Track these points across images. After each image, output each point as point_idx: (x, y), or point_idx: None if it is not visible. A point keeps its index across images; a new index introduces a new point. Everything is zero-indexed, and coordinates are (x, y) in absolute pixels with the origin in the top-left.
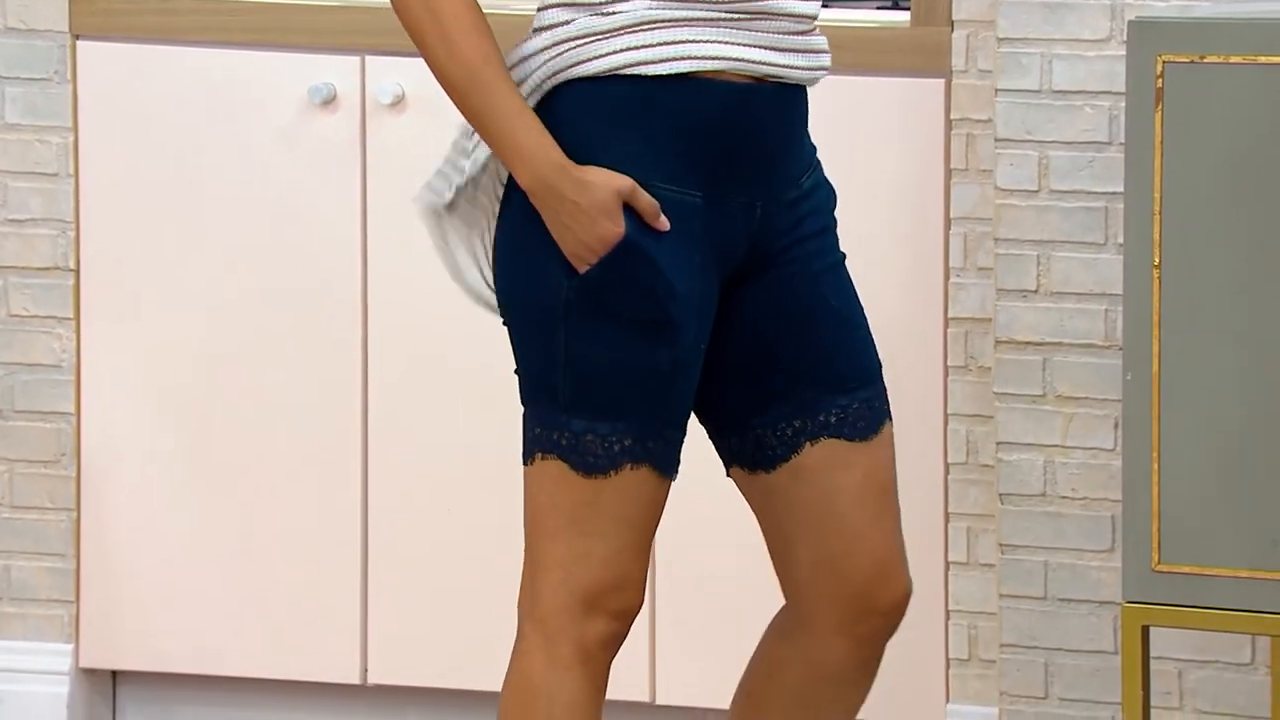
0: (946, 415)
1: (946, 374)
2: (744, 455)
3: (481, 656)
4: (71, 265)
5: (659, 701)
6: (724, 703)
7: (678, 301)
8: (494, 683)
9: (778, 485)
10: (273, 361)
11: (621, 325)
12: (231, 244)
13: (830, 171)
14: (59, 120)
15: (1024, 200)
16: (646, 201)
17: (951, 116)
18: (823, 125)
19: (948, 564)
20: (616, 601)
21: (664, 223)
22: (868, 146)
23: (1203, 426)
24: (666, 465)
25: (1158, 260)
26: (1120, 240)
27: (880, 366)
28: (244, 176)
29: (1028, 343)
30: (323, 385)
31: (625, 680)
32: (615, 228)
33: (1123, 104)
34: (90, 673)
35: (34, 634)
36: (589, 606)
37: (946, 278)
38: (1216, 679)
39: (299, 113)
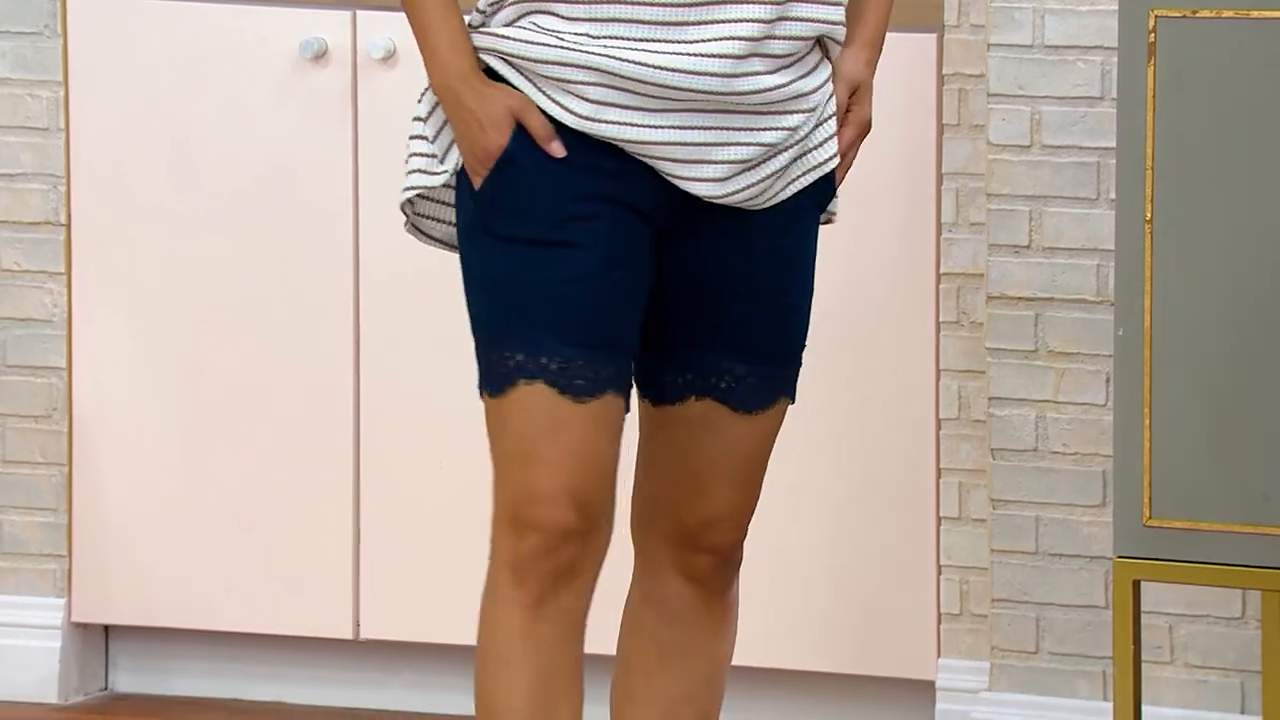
0: (938, 370)
1: (938, 329)
2: (641, 378)
3: (473, 612)
4: (62, 220)
5: None
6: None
7: (563, 225)
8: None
9: (655, 418)
10: (264, 316)
11: (506, 243)
12: (223, 198)
13: None
14: (50, 74)
15: (1016, 155)
16: (538, 123)
17: (944, 72)
18: None
19: (939, 519)
20: (534, 515)
21: (556, 148)
22: None
23: (1194, 382)
24: (568, 386)
25: (1150, 215)
26: (1112, 195)
27: (797, 351)
28: (235, 131)
29: (1019, 298)
30: (315, 340)
31: None
32: (499, 139)
33: (1115, 59)
34: (83, 627)
35: (26, 588)
36: (512, 525)
37: (938, 233)
38: (1207, 633)
39: (290, 68)
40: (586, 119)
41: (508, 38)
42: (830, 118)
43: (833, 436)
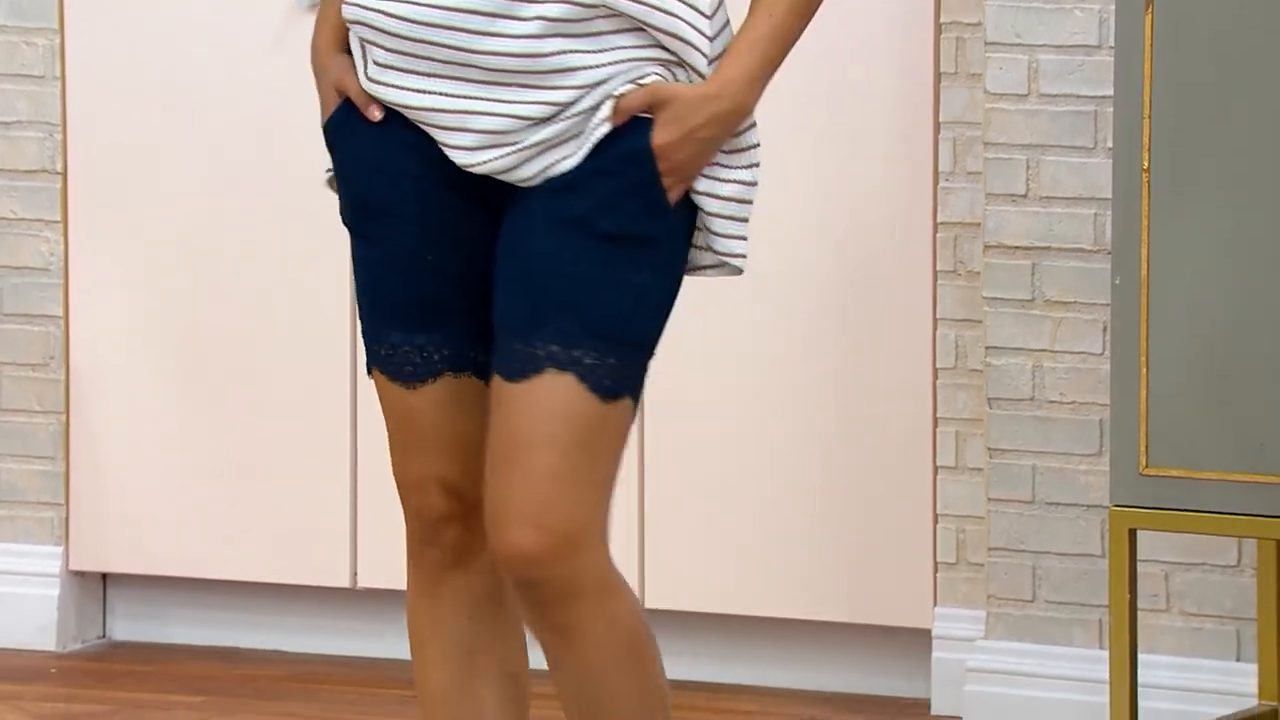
0: (935, 320)
1: (935, 279)
2: None
3: None
4: (59, 168)
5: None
6: (710, 606)
7: (376, 210)
8: None
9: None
10: (262, 264)
11: (348, 228)
12: (219, 147)
13: (819, 76)
14: (45, 22)
15: (1013, 104)
16: (355, 90)
17: (941, 20)
18: (812, 29)
19: (936, 468)
20: (410, 502)
21: (374, 111)
22: (857, 50)
23: (1191, 331)
24: (397, 373)
25: (1147, 164)
26: (1109, 144)
27: (562, 318)
28: (232, 79)
29: (1016, 247)
30: (312, 289)
31: None
32: (325, 113)
33: (1112, 7)
34: (80, 575)
35: (24, 536)
36: (402, 502)
37: (935, 182)
38: (1203, 581)
39: (286, 16)
40: (370, 80)
41: (346, 2)
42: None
43: (829, 386)
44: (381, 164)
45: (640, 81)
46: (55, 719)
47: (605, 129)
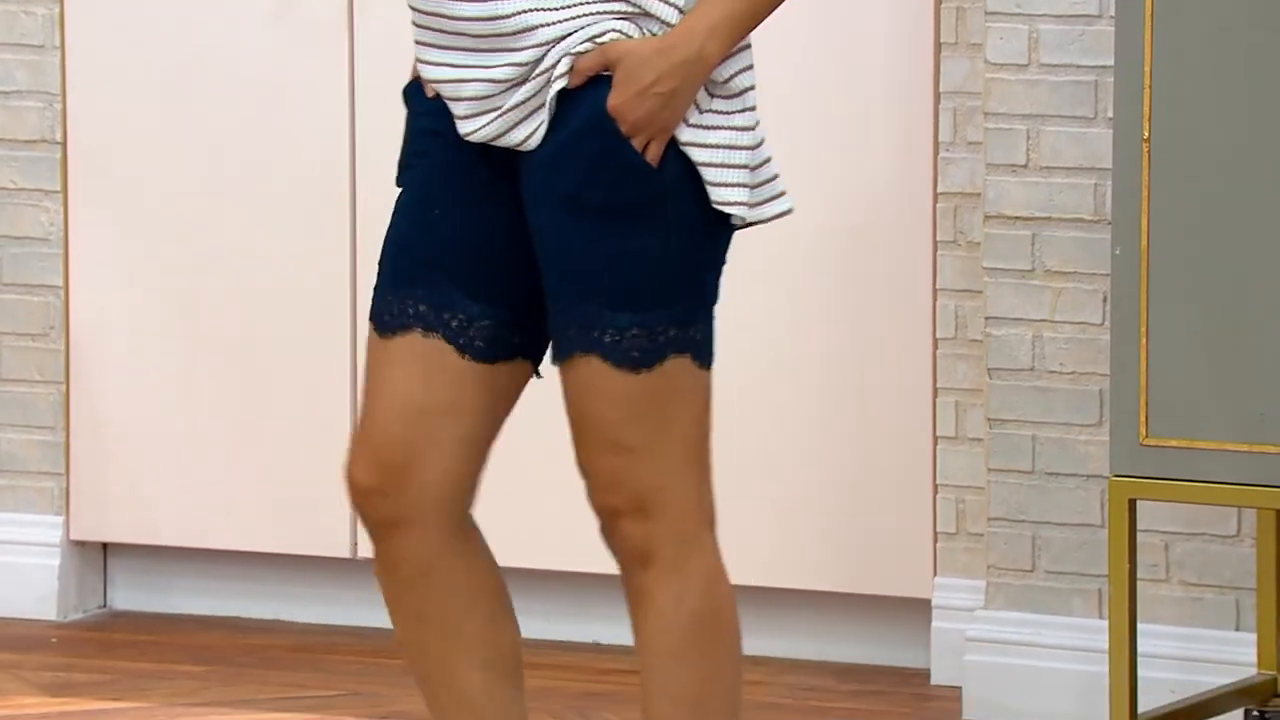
0: (935, 290)
1: (935, 249)
2: None
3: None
4: (58, 138)
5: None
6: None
7: (408, 163)
8: None
9: None
10: (262, 234)
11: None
12: (219, 117)
13: (819, 47)
14: None
15: (1013, 74)
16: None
17: None
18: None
19: (935, 438)
20: (348, 473)
21: (428, 88)
22: (856, 21)
23: (1191, 301)
24: (378, 321)
25: (1147, 134)
26: (1110, 114)
27: (585, 294)
28: (232, 49)
29: (1017, 217)
30: (312, 258)
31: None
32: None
33: None
34: (81, 545)
35: (25, 506)
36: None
37: (936, 152)
38: (1203, 551)
39: None
40: (416, 59)
41: None
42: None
43: (829, 357)
44: (428, 124)
45: (598, 40)
46: (56, 688)
47: (560, 84)
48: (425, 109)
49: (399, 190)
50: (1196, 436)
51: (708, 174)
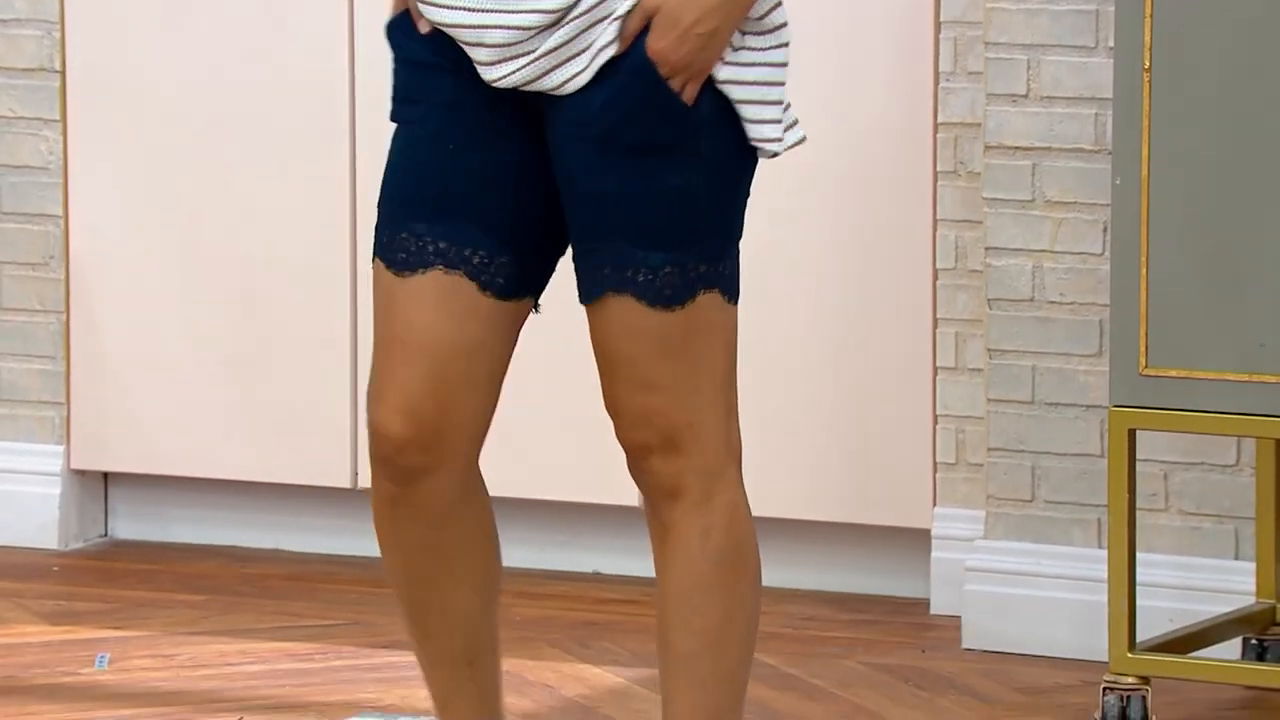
0: (935, 221)
1: (935, 179)
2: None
3: None
4: (57, 67)
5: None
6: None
7: (412, 99)
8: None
9: None
10: (261, 161)
11: (393, 120)
12: (218, 44)
13: None
14: None
15: (1014, 4)
16: (411, 3)
17: None
18: None
19: (935, 369)
20: (374, 419)
21: (422, 25)
22: None
23: (1191, 230)
24: (391, 259)
25: (1148, 64)
26: (1110, 44)
27: (639, 240)
28: None
29: (1017, 147)
30: (312, 185)
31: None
32: (392, 12)
33: None
34: (81, 474)
35: (25, 435)
36: (368, 416)
37: (936, 82)
38: (1202, 481)
39: None
40: (417, 3)
41: None
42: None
43: (829, 287)
44: (426, 59)
45: None
46: (57, 616)
47: (612, 51)
48: (419, 45)
49: (397, 125)
50: (1196, 366)
51: (745, 111)
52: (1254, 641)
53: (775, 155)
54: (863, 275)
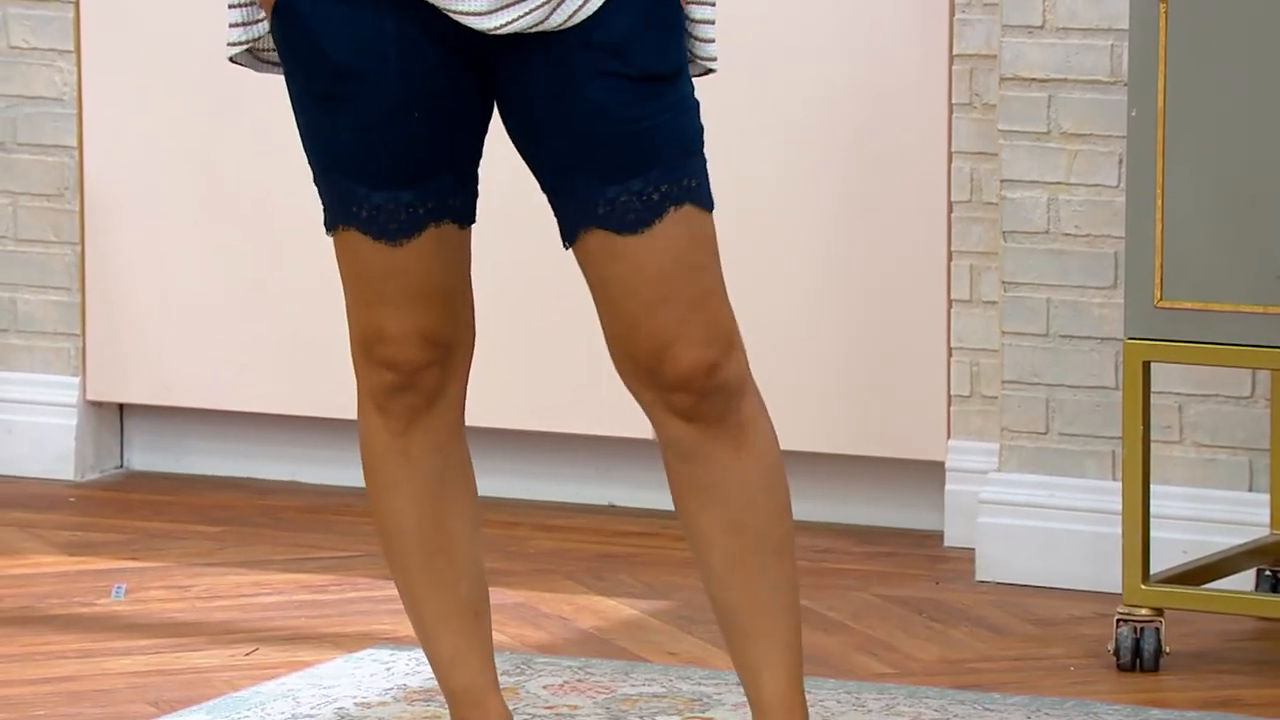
0: (950, 153)
1: (951, 111)
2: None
3: (497, 390)
4: None
5: None
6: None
7: (347, 75)
8: (500, 418)
9: (578, 261)
10: (276, 91)
11: (303, 92)
12: None
13: None
14: None
15: None
16: None
17: None
18: None
19: (950, 301)
20: (380, 353)
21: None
22: None
23: (1207, 162)
24: (381, 231)
25: None
26: None
27: (664, 159)
28: None
29: (1033, 79)
30: None
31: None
32: None
33: None
34: (97, 405)
35: (41, 366)
36: (367, 360)
37: (951, 14)
38: (1216, 412)
39: None
40: None
41: None
42: None
43: (844, 220)
44: (356, 27)
45: None
46: (73, 547)
47: None
48: (354, 13)
49: (329, 99)
50: (1211, 298)
51: (702, 30)
52: (1268, 573)
53: (709, 73)
54: (877, 208)
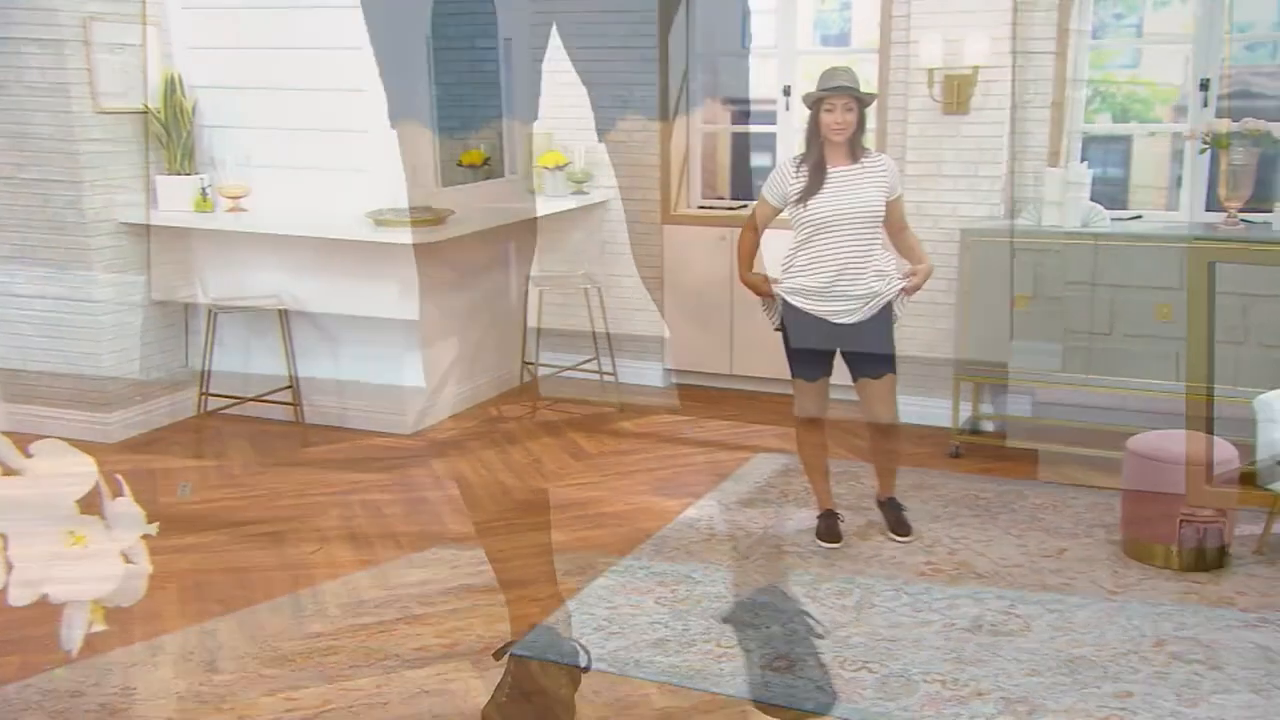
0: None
1: None
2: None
3: None
4: None
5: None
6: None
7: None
8: None
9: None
10: None
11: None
12: None
13: None
14: None
15: None
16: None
17: None
18: None
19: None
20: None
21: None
22: None
23: None
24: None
25: None
26: None
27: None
28: None
29: None
30: None
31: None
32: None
33: None
34: (163, 305)
35: (106, 266)
36: None
37: None
38: None
39: None
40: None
41: None
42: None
43: None
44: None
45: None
46: (139, 446)
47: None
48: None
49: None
50: None
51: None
52: None
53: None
54: None
